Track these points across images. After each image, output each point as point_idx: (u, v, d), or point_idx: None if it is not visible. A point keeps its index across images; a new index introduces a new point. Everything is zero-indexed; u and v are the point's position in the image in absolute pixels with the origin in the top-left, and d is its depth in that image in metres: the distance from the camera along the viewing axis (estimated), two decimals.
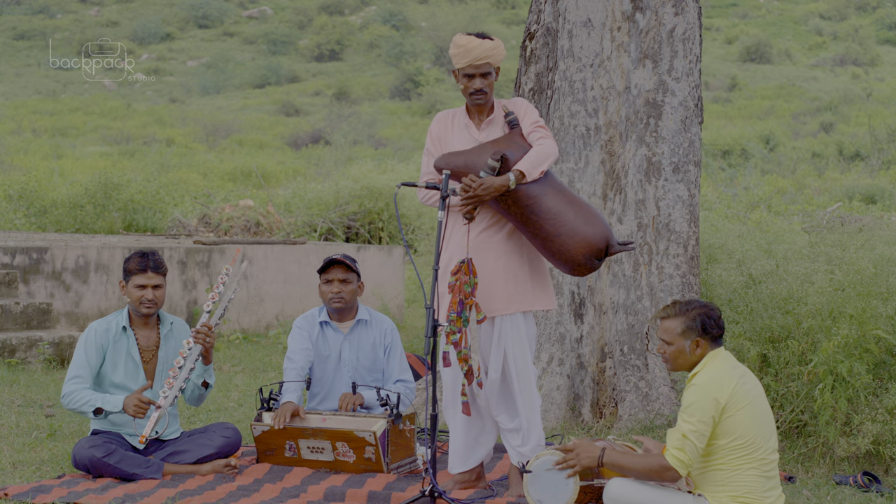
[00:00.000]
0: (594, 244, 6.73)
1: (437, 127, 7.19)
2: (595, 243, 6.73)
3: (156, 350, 7.71)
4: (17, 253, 12.68)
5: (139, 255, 7.61)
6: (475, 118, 7.10)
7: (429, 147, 7.16)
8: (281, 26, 75.38)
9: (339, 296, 8.09)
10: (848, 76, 59.50)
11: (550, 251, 6.81)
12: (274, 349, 13.45)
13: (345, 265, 8.08)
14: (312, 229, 21.11)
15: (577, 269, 6.83)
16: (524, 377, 7.00)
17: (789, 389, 8.11)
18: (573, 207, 6.76)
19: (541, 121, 6.97)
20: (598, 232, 6.73)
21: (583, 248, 6.73)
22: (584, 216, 6.75)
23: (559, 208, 6.74)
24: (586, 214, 6.76)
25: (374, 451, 7.54)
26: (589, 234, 6.72)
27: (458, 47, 6.91)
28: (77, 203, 19.45)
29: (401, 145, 42.82)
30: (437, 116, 7.23)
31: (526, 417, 7.02)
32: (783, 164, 34.50)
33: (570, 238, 6.72)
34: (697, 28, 9.41)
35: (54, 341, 11.65)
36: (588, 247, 6.72)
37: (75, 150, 40.46)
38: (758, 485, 5.98)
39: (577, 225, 6.72)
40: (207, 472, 7.50)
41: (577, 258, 6.76)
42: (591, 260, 6.77)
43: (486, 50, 6.90)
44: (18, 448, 8.14)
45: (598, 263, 6.83)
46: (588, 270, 6.85)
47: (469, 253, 6.88)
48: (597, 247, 6.73)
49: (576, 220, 6.72)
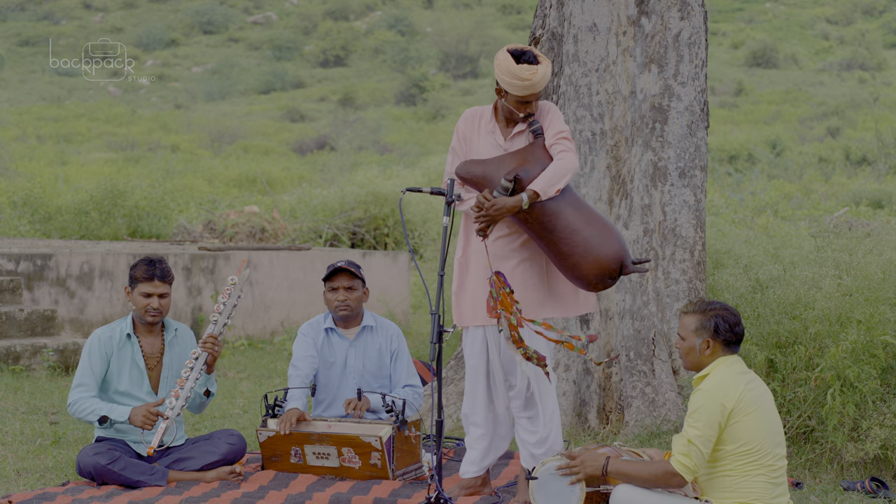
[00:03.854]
0: (606, 265, 6.64)
1: (464, 125, 7.09)
2: (608, 264, 6.64)
3: (160, 357, 7.69)
4: (21, 259, 12.67)
5: (146, 263, 7.59)
6: (502, 124, 7.02)
7: (454, 146, 7.08)
8: (286, 32, 75.44)
9: (344, 303, 8.07)
10: (855, 81, 59.44)
11: (565, 268, 6.74)
12: (279, 356, 13.44)
13: (349, 273, 8.06)
14: (318, 235, 21.09)
15: (591, 287, 6.77)
16: (545, 385, 6.95)
17: (796, 395, 8.08)
18: (589, 226, 6.67)
19: (565, 131, 6.86)
20: (611, 252, 6.64)
21: (595, 268, 6.65)
22: (599, 236, 6.66)
23: (574, 227, 6.66)
24: (602, 234, 6.67)
25: (380, 456, 7.51)
26: (602, 254, 6.63)
27: (521, 80, 6.73)
28: (82, 209, 19.44)
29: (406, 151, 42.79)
30: (466, 114, 7.13)
31: (545, 424, 6.97)
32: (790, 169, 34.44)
33: (584, 258, 6.65)
34: (703, 32, 9.38)
35: (59, 348, 11.63)
36: (600, 267, 6.64)
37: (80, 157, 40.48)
38: (766, 491, 5.95)
39: (591, 245, 6.64)
40: (212, 479, 7.48)
41: (589, 278, 6.69)
42: (603, 280, 6.69)
43: (547, 75, 6.80)
44: (23, 455, 8.12)
45: (611, 283, 6.75)
46: (603, 288, 6.78)
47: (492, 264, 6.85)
48: (609, 267, 6.64)
49: (590, 240, 6.64)
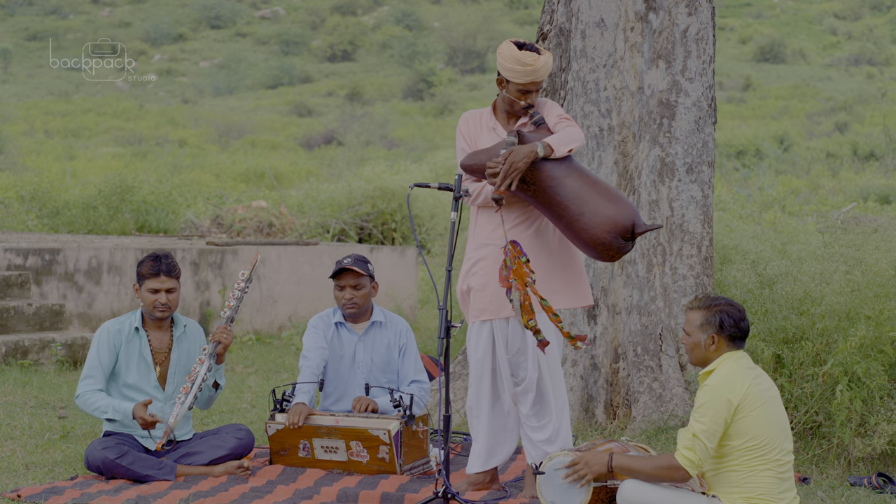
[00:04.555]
0: (619, 222, 6.57)
1: (466, 126, 7.13)
2: (620, 221, 6.57)
3: (168, 352, 7.70)
4: (29, 254, 12.69)
5: (152, 259, 7.60)
6: (502, 120, 7.06)
7: (463, 147, 7.11)
8: (293, 27, 75.47)
9: (352, 301, 8.08)
10: (862, 76, 59.39)
11: (576, 233, 6.66)
12: (287, 350, 13.45)
13: (355, 271, 8.05)
14: (325, 230, 21.11)
15: (604, 252, 6.65)
16: (557, 376, 6.96)
17: (804, 390, 8.08)
18: (597, 188, 6.65)
19: (566, 115, 6.95)
20: (621, 211, 6.59)
21: (607, 226, 6.57)
22: (607, 196, 6.63)
23: (582, 189, 6.64)
24: (610, 194, 6.65)
25: (388, 450, 7.52)
26: (612, 212, 6.57)
27: (524, 66, 6.81)
28: (89, 204, 19.45)
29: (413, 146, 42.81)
30: (465, 116, 7.17)
31: (557, 417, 6.99)
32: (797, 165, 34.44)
33: (594, 216, 6.59)
34: (711, 28, 9.38)
35: (67, 342, 11.65)
36: (613, 225, 6.57)
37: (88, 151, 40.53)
38: (772, 486, 5.96)
39: (601, 204, 6.59)
40: (220, 473, 7.49)
41: (602, 237, 6.59)
42: (617, 239, 6.59)
43: (548, 66, 6.87)
44: (31, 449, 8.14)
45: (625, 244, 6.65)
46: (617, 253, 6.66)
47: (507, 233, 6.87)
48: (622, 225, 6.57)
49: (599, 200, 6.60)
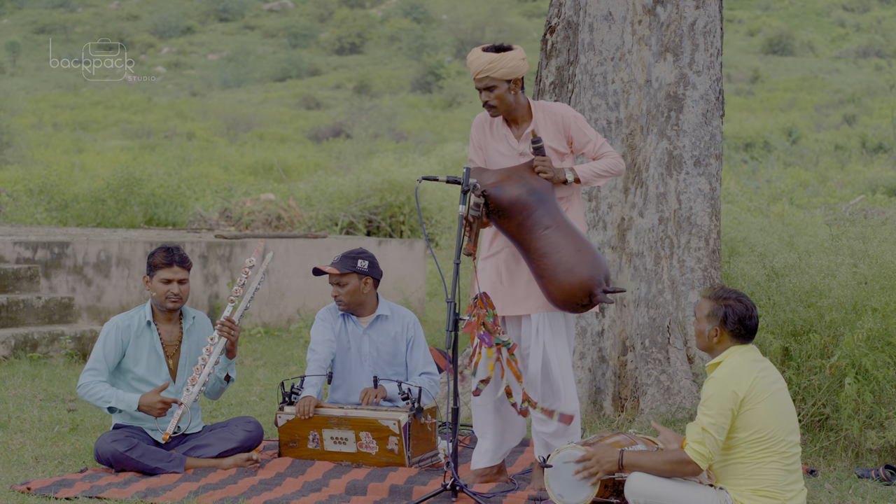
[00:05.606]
0: (571, 293, 6.63)
1: (476, 134, 7.14)
2: (573, 292, 6.63)
3: (178, 345, 7.72)
4: (38, 247, 12.72)
5: (164, 250, 7.63)
6: (513, 126, 7.06)
7: (472, 157, 7.14)
8: (302, 19, 75.47)
9: (337, 298, 8.10)
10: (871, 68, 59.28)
11: (539, 285, 6.80)
12: (295, 343, 13.47)
13: (343, 267, 8.06)
14: (334, 223, 21.12)
15: (562, 308, 6.80)
16: (566, 374, 6.95)
17: (811, 383, 8.08)
18: (560, 252, 6.66)
19: (598, 140, 6.99)
20: (576, 281, 6.62)
21: (560, 293, 6.66)
22: (568, 262, 6.64)
23: (546, 250, 6.68)
24: (572, 261, 6.65)
25: (398, 441, 7.54)
26: (567, 282, 6.62)
27: (468, 64, 6.93)
28: (98, 197, 19.47)
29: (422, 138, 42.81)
30: (476, 122, 7.17)
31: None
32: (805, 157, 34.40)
33: (551, 282, 6.67)
34: (718, 21, 9.39)
35: (76, 335, 11.68)
36: (564, 294, 6.65)
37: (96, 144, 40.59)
38: (780, 478, 5.97)
39: (559, 271, 6.63)
40: (229, 465, 7.51)
41: (556, 301, 6.72)
42: (570, 305, 6.70)
43: (482, 65, 6.84)
44: (41, 442, 8.16)
45: (582, 309, 6.73)
46: (573, 311, 6.79)
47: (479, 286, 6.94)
48: (574, 295, 6.64)
49: (557, 267, 6.63)
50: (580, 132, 6.97)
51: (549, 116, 7.01)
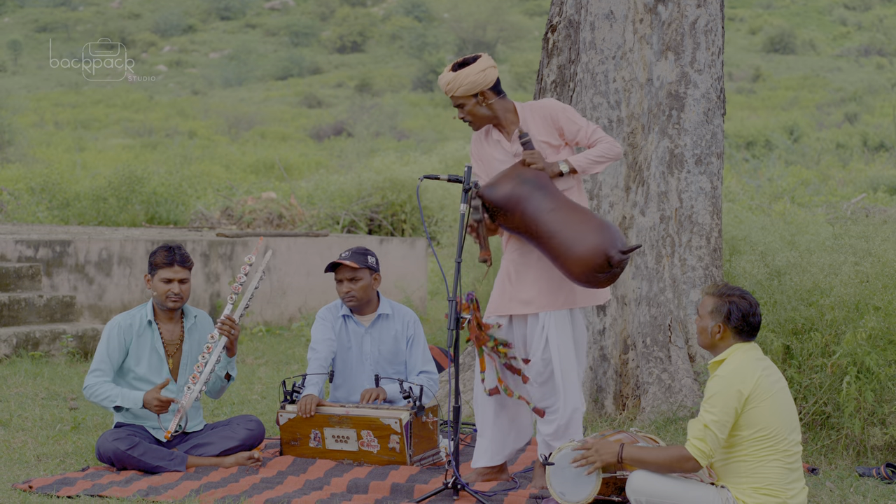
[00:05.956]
0: (589, 261, 6.61)
1: (475, 148, 7.18)
2: (590, 259, 6.61)
3: (180, 344, 7.73)
4: (40, 246, 12.73)
5: (165, 249, 7.63)
6: (504, 132, 7.07)
7: (475, 171, 7.17)
8: (303, 18, 75.48)
9: (349, 294, 8.08)
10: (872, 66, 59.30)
11: (562, 271, 6.80)
12: (297, 341, 13.48)
13: (348, 265, 8.05)
14: (335, 221, 21.13)
15: (586, 284, 6.76)
16: (568, 375, 6.94)
17: (812, 381, 8.08)
18: (566, 228, 6.68)
19: (590, 127, 6.98)
20: (589, 248, 6.60)
21: (578, 266, 6.64)
22: (575, 235, 6.65)
23: (553, 230, 6.69)
24: (578, 232, 6.66)
25: (399, 440, 7.55)
26: (581, 252, 6.61)
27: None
28: (100, 196, 19.48)
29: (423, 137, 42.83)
30: (473, 137, 7.20)
31: (564, 417, 6.95)
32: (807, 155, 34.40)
33: (567, 259, 6.67)
34: (720, 20, 9.39)
35: (78, 334, 11.69)
36: (584, 265, 6.62)
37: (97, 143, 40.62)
38: (781, 476, 5.97)
39: (569, 245, 6.63)
40: (231, 464, 7.52)
41: (577, 276, 6.69)
42: (593, 275, 6.66)
43: (444, 86, 6.95)
44: (42, 441, 8.17)
45: (604, 276, 6.69)
46: (598, 283, 6.74)
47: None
48: (593, 262, 6.61)
49: (567, 241, 6.65)
50: (569, 121, 6.97)
51: (537, 112, 7.03)
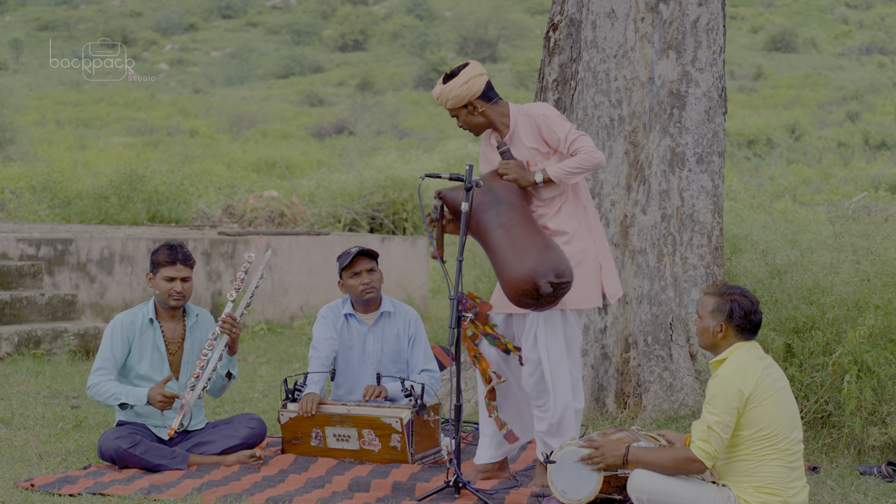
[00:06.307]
0: (518, 285, 6.66)
1: (482, 148, 7.27)
2: (518, 284, 6.66)
3: (181, 342, 7.74)
4: (41, 244, 12.73)
5: (168, 248, 7.63)
6: (500, 135, 7.12)
7: (483, 170, 7.24)
8: (304, 16, 75.45)
9: (370, 286, 8.10)
10: (874, 65, 59.27)
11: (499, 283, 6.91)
12: (298, 340, 13.48)
13: (368, 255, 8.11)
14: (337, 220, 21.12)
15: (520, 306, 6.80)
16: (558, 374, 6.93)
17: (814, 380, 8.09)
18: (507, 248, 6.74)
19: (571, 131, 6.95)
20: (520, 274, 6.65)
21: (508, 287, 6.72)
22: (513, 257, 6.71)
23: (497, 246, 6.78)
24: (518, 255, 6.70)
25: (400, 438, 7.55)
26: (513, 275, 6.68)
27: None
28: (101, 194, 19.47)
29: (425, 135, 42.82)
30: (482, 135, 7.28)
31: (555, 415, 6.96)
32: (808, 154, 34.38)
33: (500, 277, 6.78)
34: (721, 18, 9.39)
35: (79, 332, 11.69)
36: (512, 287, 6.70)
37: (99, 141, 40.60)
38: (782, 475, 5.98)
39: (505, 266, 6.71)
40: (233, 462, 7.53)
41: (509, 295, 6.76)
42: (521, 300, 6.71)
43: (436, 99, 7.06)
44: (44, 439, 8.18)
45: (531, 303, 6.72)
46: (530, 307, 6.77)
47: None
48: (521, 288, 6.66)
49: (504, 261, 6.73)
50: (549, 130, 6.96)
51: (526, 118, 7.06)
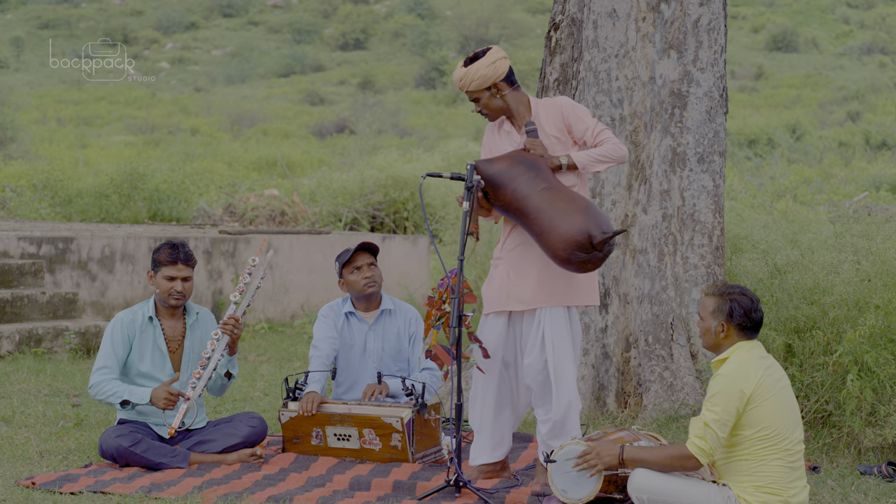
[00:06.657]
0: (572, 238, 6.64)
1: (487, 138, 7.28)
2: (573, 237, 6.64)
3: (182, 340, 7.74)
4: (43, 243, 12.74)
5: (170, 247, 7.63)
6: (515, 124, 7.12)
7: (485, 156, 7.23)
8: (306, 15, 75.45)
9: (371, 279, 8.10)
10: (875, 65, 59.26)
11: (543, 249, 6.83)
12: (299, 339, 13.49)
13: (369, 250, 8.12)
14: (337, 219, 21.13)
15: (567, 264, 6.76)
16: (562, 372, 6.94)
17: (814, 380, 8.09)
18: (555, 204, 6.74)
19: (598, 127, 6.99)
20: (573, 227, 6.65)
21: (561, 243, 6.68)
22: (563, 212, 6.71)
23: (542, 206, 6.75)
24: (566, 210, 6.71)
25: (401, 438, 7.56)
26: (564, 229, 6.66)
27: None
28: (102, 193, 19.49)
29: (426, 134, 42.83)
30: (486, 128, 7.30)
31: (558, 413, 6.97)
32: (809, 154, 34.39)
33: (550, 234, 6.71)
34: (722, 18, 9.39)
35: (80, 331, 11.70)
36: (566, 242, 6.66)
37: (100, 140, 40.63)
38: (783, 475, 5.98)
39: (555, 221, 6.69)
40: (233, 461, 7.53)
41: (558, 253, 6.71)
42: (573, 254, 6.68)
43: (457, 81, 7.08)
44: (45, 437, 8.18)
45: (584, 257, 6.70)
46: (579, 264, 6.74)
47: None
48: (574, 240, 6.64)
49: (554, 217, 6.71)
50: (578, 119, 7.00)
51: (549, 108, 7.09)
